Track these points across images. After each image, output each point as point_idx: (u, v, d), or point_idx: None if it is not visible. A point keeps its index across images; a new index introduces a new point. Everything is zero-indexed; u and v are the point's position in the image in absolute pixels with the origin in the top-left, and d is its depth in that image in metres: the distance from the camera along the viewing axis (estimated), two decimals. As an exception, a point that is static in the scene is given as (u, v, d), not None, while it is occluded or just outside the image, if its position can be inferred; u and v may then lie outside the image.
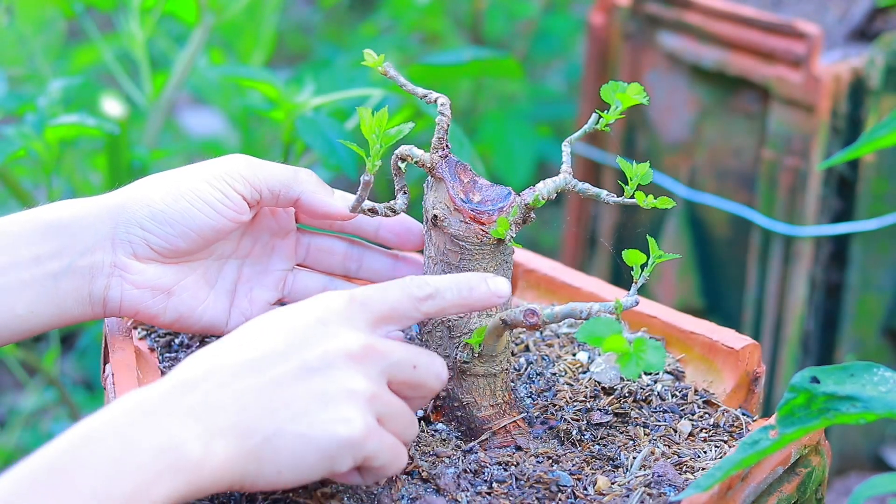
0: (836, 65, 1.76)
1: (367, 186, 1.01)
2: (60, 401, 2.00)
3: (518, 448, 1.03)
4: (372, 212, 1.04)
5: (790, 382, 0.91)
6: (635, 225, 2.00)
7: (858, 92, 1.76)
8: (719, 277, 1.95)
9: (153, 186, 1.03)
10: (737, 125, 1.88)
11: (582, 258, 2.13)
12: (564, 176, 1.02)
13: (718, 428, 1.05)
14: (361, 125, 0.98)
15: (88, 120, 1.52)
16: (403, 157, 1.03)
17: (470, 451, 1.02)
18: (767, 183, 1.82)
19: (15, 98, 1.66)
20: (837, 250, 1.83)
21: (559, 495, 0.97)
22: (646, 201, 1.00)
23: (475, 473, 0.99)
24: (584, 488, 0.98)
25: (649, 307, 1.16)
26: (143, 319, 1.06)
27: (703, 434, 1.05)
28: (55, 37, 1.77)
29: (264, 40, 2.05)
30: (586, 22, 2.09)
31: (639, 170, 1.01)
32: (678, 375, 1.11)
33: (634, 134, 2.02)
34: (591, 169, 2.07)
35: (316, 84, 1.64)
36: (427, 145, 1.03)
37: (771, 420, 0.94)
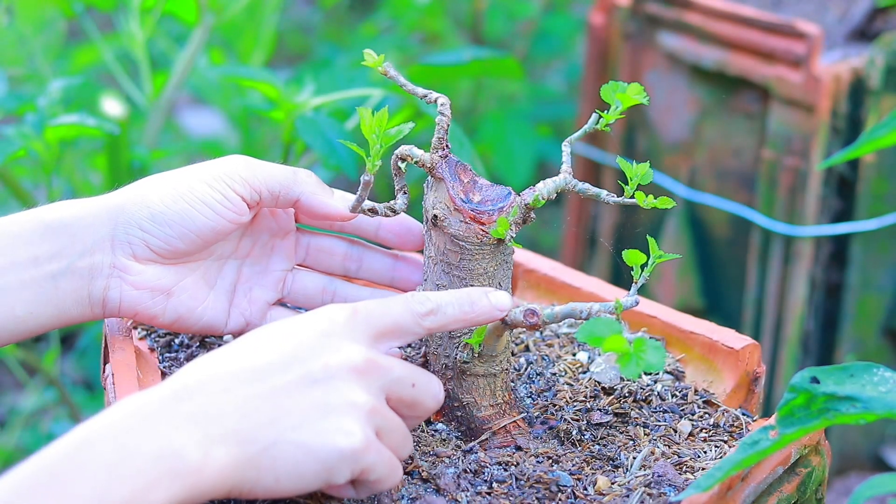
0: (836, 65, 1.76)
1: (367, 186, 1.01)
2: (60, 401, 2.00)
3: (518, 448, 1.03)
4: (372, 212, 1.04)
5: (790, 382, 0.91)
6: (635, 225, 2.00)
7: (858, 92, 1.76)
8: (719, 277, 1.95)
9: (152, 187, 1.03)
10: (737, 125, 1.88)
11: (582, 258, 2.13)
12: (564, 176, 1.02)
13: (718, 428, 1.05)
14: (361, 125, 0.98)
15: (88, 120, 1.52)
16: (403, 157, 1.03)
17: (470, 451, 1.02)
18: (767, 183, 1.82)
19: (15, 98, 1.66)
20: (837, 250, 1.83)
21: (559, 495, 0.97)
22: (646, 201, 1.00)
23: (475, 473, 0.99)
24: (584, 488, 0.98)
25: (649, 307, 1.16)
26: (143, 320, 1.06)
27: (703, 434, 1.05)
28: (55, 37, 1.77)
29: (264, 40, 2.05)
30: (586, 22, 2.09)
31: (639, 170, 1.01)
32: (678, 375, 1.11)
33: (634, 134, 2.02)
34: (591, 169, 2.07)
35: (316, 84, 1.64)
36: (427, 145, 1.03)
37: (771, 420, 0.94)
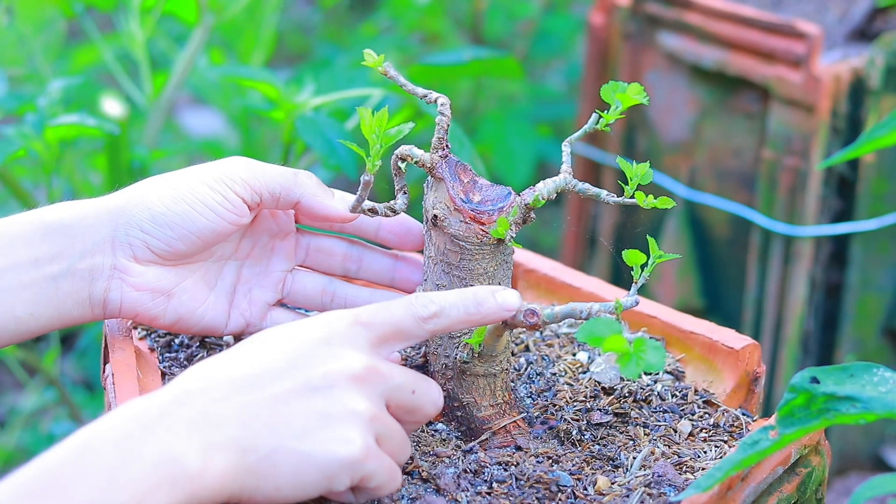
0: (836, 65, 1.76)
1: (367, 186, 1.01)
2: (60, 401, 2.00)
3: (518, 448, 1.03)
4: (372, 212, 1.04)
5: (790, 383, 0.91)
6: (635, 225, 2.00)
7: (858, 92, 1.76)
8: (719, 277, 1.95)
9: (153, 189, 1.03)
10: (737, 125, 1.88)
11: (582, 258, 2.13)
12: (564, 176, 1.02)
13: (718, 428, 1.05)
14: (361, 125, 0.98)
15: (88, 120, 1.52)
16: (403, 157, 1.03)
17: (470, 451, 1.02)
18: (767, 183, 1.82)
19: (15, 98, 1.66)
20: (837, 250, 1.83)
21: (559, 495, 0.97)
22: (646, 201, 1.00)
23: (475, 473, 0.99)
24: (584, 488, 0.98)
25: (649, 307, 1.16)
26: (143, 321, 1.06)
27: (703, 434, 1.05)
28: (55, 37, 1.77)
29: (264, 40, 2.04)
30: (586, 22, 2.09)
31: (639, 170, 1.01)
32: (678, 375, 1.11)
33: (634, 134, 2.02)
34: (591, 169, 2.07)
35: (316, 84, 1.64)
36: (427, 145, 1.03)
37: (771, 420, 0.94)
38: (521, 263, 1.24)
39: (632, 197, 1.01)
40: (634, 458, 1.01)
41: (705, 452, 1.02)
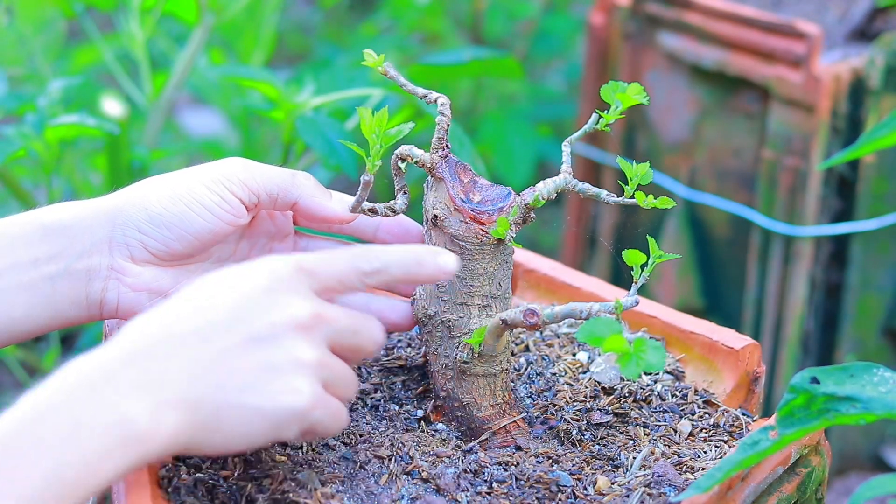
0: (836, 65, 1.76)
1: (367, 186, 1.01)
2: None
3: (518, 448, 1.03)
4: (372, 212, 1.04)
5: (790, 383, 0.91)
6: (635, 225, 2.00)
7: (858, 92, 1.76)
8: (719, 277, 1.95)
9: (151, 189, 1.03)
10: (737, 125, 1.88)
11: (582, 258, 2.13)
12: (564, 176, 1.02)
13: (718, 428, 1.05)
14: (361, 125, 0.98)
15: (88, 120, 1.52)
16: (403, 157, 1.03)
17: (470, 451, 1.02)
18: (767, 183, 1.82)
19: (15, 98, 1.66)
20: (837, 250, 1.83)
21: (559, 495, 0.97)
22: (646, 201, 1.00)
23: (475, 473, 0.99)
24: (584, 488, 0.98)
25: (649, 307, 1.16)
26: None
27: (703, 434, 1.05)
28: (55, 37, 1.77)
29: (264, 40, 2.05)
30: (586, 22, 2.09)
31: (639, 170, 1.01)
32: (678, 375, 1.11)
33: (634, 134, 2.02)
34: (591, 169, 2.07)
35: (316, 84, 1.64)
36: (427, 145, 1.03)
37: (771, 420, 0.94)
38: (521, 263, 1.24)
39: (632, 197, 1.01)
40: (634, 458, 1.01)
41: (705, 452, 1.02)
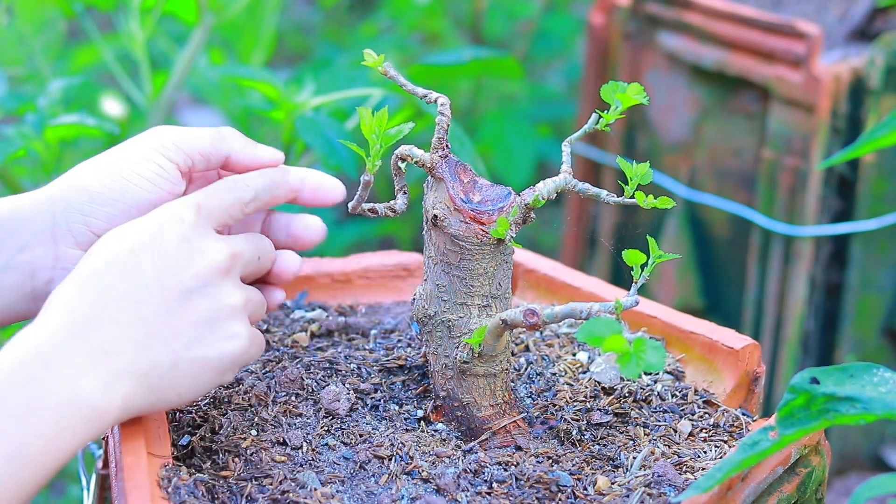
0: (836, 65, 1.76)
1: (367, 186, 1.01)
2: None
3: (518, 448, 1.03)
4: (372, 212, 1.04)
5: (790, 383, 0.91)
6: (635, 225, 2.00)
7: (858, 92, 1.76)
8: (719, 277, 1.96)
9: (87, 170, 1.02)
10: (737, 125, 1.88)
11: (582, 258, 2.13)
12: (564, 176, 1.02)
13: (718, 428, 1.05)
14: (361, 125, 0.98)
15: (88, 120, 1.52)
16: (403, 157, 1.03)
17: (470, 451, 1.02)
18: (767, 183, 1.82)
19: (15, 98, 1.66)
20: (837, 250, 1.83)
21: (559, 495, 0.97)
22: (646, 201, 1.00)
23: (475, 473, 0.99)
24: (584, 488, 0.98)
25: (649, 307, 1.16)
26: None
27: (703, 434, 1.05)
28: (55, 37, 1.77)
29: (264, 40, 2.05)
30: (586, 22, 2.09)
31: (639, 170, 1.01)
32: (678, 375, 1.11)
33: (634, 134, 2.02)
34: (591, 169, 2.08)
35: (316, 84, 1.64)
36: (427, 145, 1.03)
37: (771, 420, 0.94)
38: (521, 263, 1.24)
39: (632, 197, 1.00)
40: (634, 458, 1.01)
41: (705, 452, 1.02)
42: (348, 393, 1.06)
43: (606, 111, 1.01)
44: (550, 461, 1.01)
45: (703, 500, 0.92)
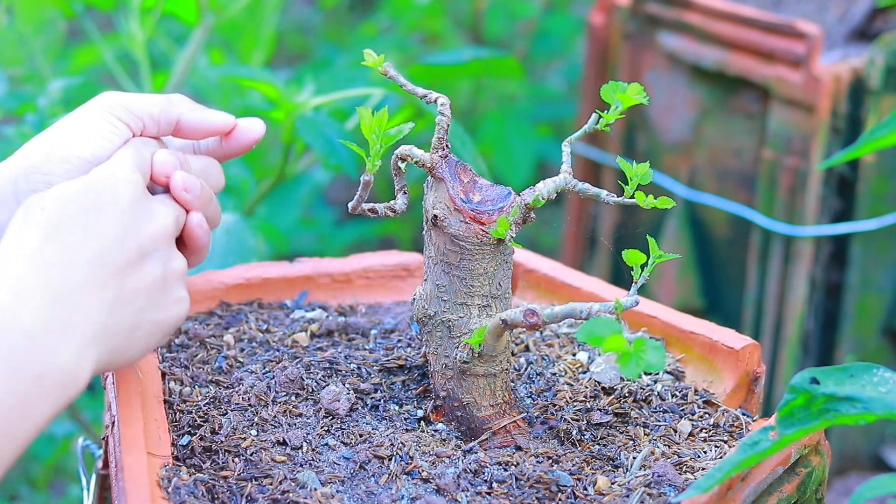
0: (836, 65, 1.76)
1: (367, 186, 1.01)
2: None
3: (518, 448, 1.03)
4: (372, 212, 1.04)
5: (790, 383, 0.91)
6: (635, 225, 2.00)
7: (858, 92, 1.76)
8: (719, 277, 1.96)
9: (44, 135, 1.04)
10: (737, 125, 1.88)
11: (582, 258, 2.13)
12: (564, 176, 1.02)
13: (718, 428, 1.05)
14: (361, 125, 0.98)
15: (88, 120, 1.52)
16: (403, 157, 1.03)
17: (470, 451, 1.02)
18: (767, 183, 1.82)
19: (15, 98, 1.66)
20: (837, 250, 1.83)
21: (559, 495, 0.97)
22: (646, 201, 1.00)
23: (475, 473, 0.99)
24: (584, 488, 0.98)
25: (649, 307, 1.16)
26: None
27: (703, 434, 1.05)
28: (55, 37, 1.77)
29: (264, 40, 2.04)
30: (586, 22, 2.09)
31: (639, 170, 1.01)
32: (678, 375, 1.11)
33: (634, 134, 2.02)
34: (591, 169, 2.07)
35: (316, 84, 1.64)
36: (427, 145, 1.03)
37: (771, 420, 0.94)
38: (521, 263, 1.24)
39: (632, 197, 1.00)
40: (634, 458, 1.01)
41: (705, 452, 1.02)
42: (348, 393, 1.06)
43: (606, 111, 1.01)
44: (550, 461, 1.01)
45: (703, 500, 0.92)
